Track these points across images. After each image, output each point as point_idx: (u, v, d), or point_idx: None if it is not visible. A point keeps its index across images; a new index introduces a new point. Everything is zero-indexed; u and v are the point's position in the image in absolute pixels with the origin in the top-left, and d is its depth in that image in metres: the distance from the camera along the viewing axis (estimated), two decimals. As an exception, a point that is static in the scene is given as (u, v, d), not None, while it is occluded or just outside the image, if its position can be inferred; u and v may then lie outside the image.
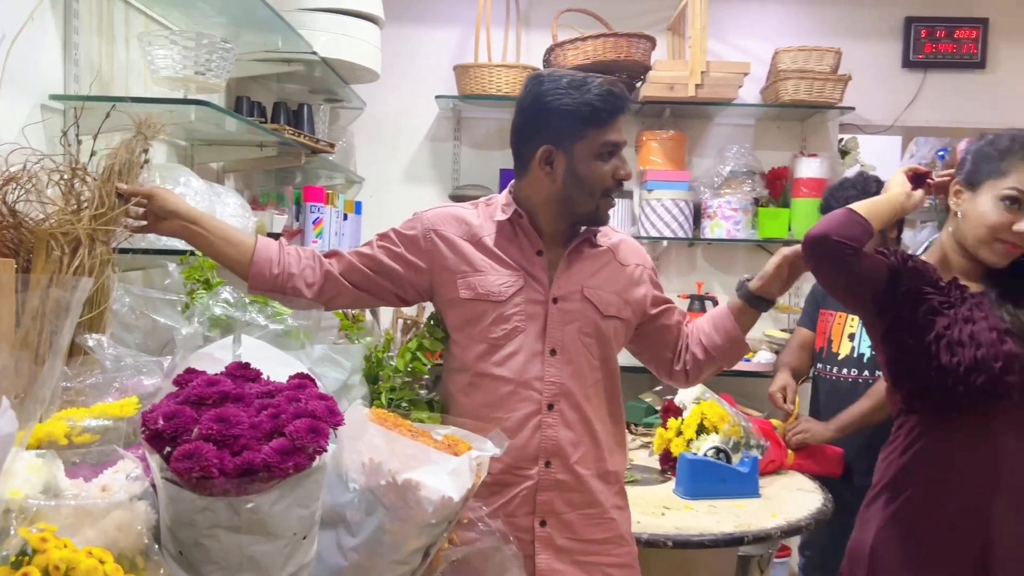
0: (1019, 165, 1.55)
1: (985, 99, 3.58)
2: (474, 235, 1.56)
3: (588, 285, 1.55)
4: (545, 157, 1.49)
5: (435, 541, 1.16)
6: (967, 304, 1.56)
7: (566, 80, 1.48)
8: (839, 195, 2.51)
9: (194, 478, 0.88)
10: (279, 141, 2.41)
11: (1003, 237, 1.55)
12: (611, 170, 1.49)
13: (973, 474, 1.53)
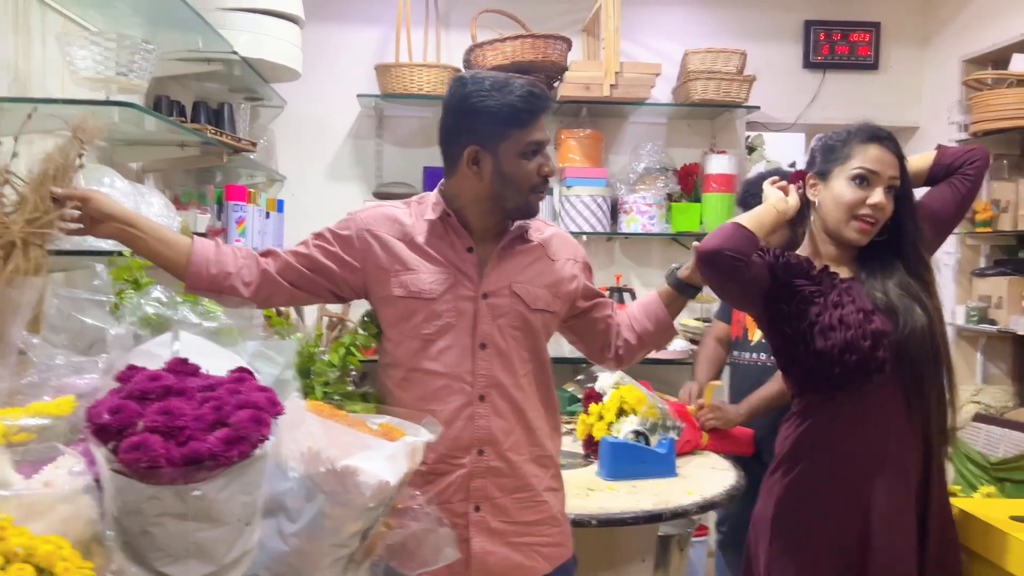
0: (860, 147, 1.69)
1: (878, 98, 3.81)
2: (406, 234, 1.61)
3: (517, 280, 1.61)
4: (472, 157, 1.55)
5: (372, 524, 1.21)
6: (836, 290, 1.68)
7: (489, 82, 1.53)
8: (752, 190, 2.63)
9: (142, 468, 0.92)
10: (201, 141, 2.41)
11: (859, 213, 1.67)
12: (536, 167, 1.55)
13: (854, 446, 1.66)
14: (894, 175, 1.68)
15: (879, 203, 1.66)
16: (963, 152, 1.81)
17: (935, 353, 1.66)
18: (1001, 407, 3.35)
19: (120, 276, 1.56)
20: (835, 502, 1.67)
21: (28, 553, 0.75)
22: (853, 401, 1.65)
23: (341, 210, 3.64)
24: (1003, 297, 3.30)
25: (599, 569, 2.15)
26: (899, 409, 1.65)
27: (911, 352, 1.63)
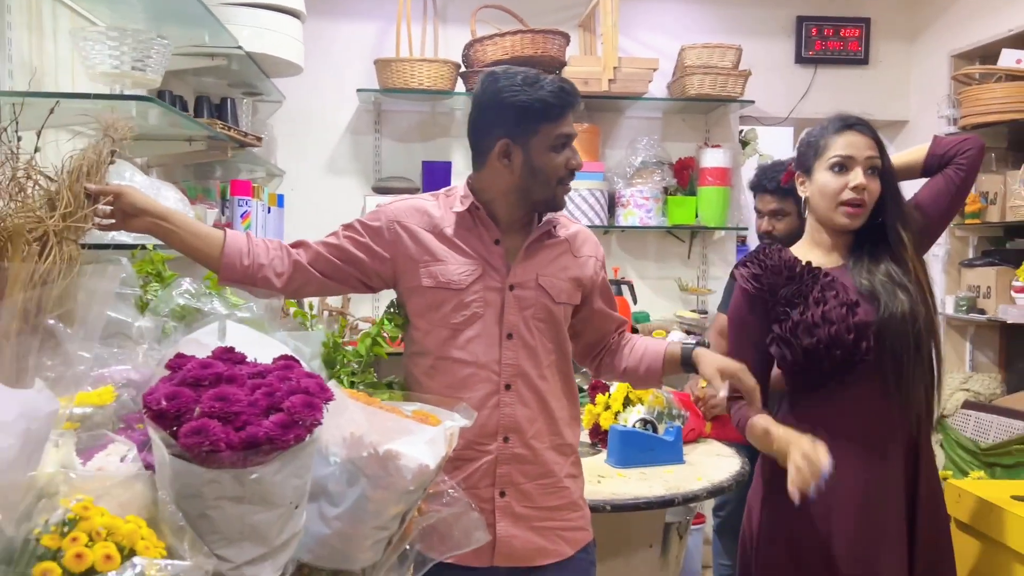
0: (834, 137, 1.75)
1: (868, 92, 3.88)
2: (435, 226, 1.64)
3: (543, 273, 1.64)
4: (503, 151, 1.57)
5: (411, 507, 1.25)
6: (819, 286, 1.73)
7: (520, 77, 1.56)
8: (772, 175, 2.65)
9: (203, 452, 0.94)
10: (208, 135, 2.42)
11: (843, 199, 1.73)
12: (564, 161, 1.58)
13: (840, 430, 1.69)
14: (871, 155, 1.73)
15: (859, 184, 1.71)
16: (956, 142, 1.84)
17: (916, 337, 1.69)
18: (990, 394, 3.43)
19: (143, 269, 1.58)
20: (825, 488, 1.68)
21: (109, 531, 0.77)
22: (840, 387, 1.70)
23: (340, 205, 3.70)
24: (991, 287, 3.38)
25: (610, 556, 2.19)
26: (881, 392, 1.70)
27: (891, 337, 1.67)
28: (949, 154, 1.83)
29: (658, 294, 3.82)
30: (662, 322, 3.64)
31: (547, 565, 1.64)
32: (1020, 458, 2.93)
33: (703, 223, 3.65)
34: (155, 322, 1.43)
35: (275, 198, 3.25)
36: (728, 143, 3.77)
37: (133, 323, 1.41)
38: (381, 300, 3.58)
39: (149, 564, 0.76)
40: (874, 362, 1.68)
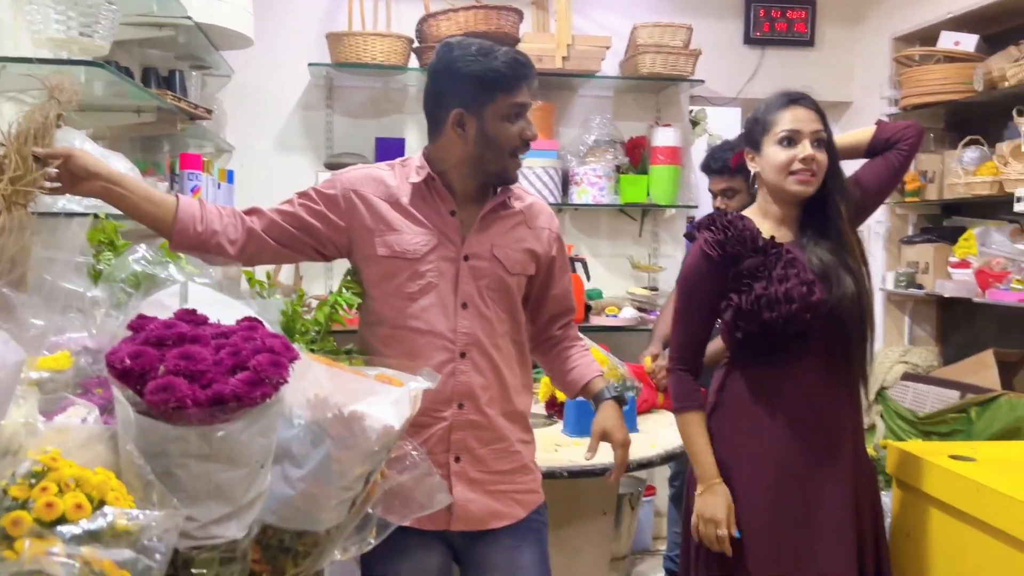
0: (780, 113, 1.82)
1: (813, 74, 3.97)
2: (391, 195, 1.64)
3: (497, 244, 1.66)
4: (457, 120, 1.59)
5: (375, 468, 1.26)
6: (782, 262, 1.78)
7: (475, 47, 1.58)
8: (719, 155, 2.72)
9: (169, 409, 0.94)
10: (157, 107, 2.37)
11: (793, 169, 1.79)
12: (518, 131, 1.60)
13: (783, 399, 1.79)
14: (816, 128, 1.80)
15: (808, 155, 1.77)
16: (900, 128, 1.93)
17: (862, 317, 1.79)
18: (927, 366, 3.56)
19: (95, 238, 1.56)
20: (758, 449, 1.79)
21: (79, 482, 0.77)
22: (786, 358, 1.78)
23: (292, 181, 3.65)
24: (929, 263, 3.51)
25: (565, 523, 2.24)
26: (825, 365, 1.78)
27: (842, 316, 1.75)
28: (893, 139, 1.91)
29: (610, 271, 3.87)
30: (614, 299, 3.69)
31: (501, 528, 1.67)
32: (955, 426, 3.06)
33: (654, 201, 3.71)
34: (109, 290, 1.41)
35: (225, 174, 3.21)
36: (678, 122, 3.83)
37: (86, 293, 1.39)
38: (335, 278, 3.56)
39: (120, 514, 0.76)
40: (821, 338, 1.76)
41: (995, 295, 3.03)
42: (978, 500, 1.74)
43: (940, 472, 1.86)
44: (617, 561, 3.45)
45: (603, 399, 1.79)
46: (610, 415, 1.77)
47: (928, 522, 1.91)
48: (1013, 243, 3.14)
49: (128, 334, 1.07)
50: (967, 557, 1.79)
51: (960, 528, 1.80)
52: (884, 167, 1.92)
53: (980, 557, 1.75)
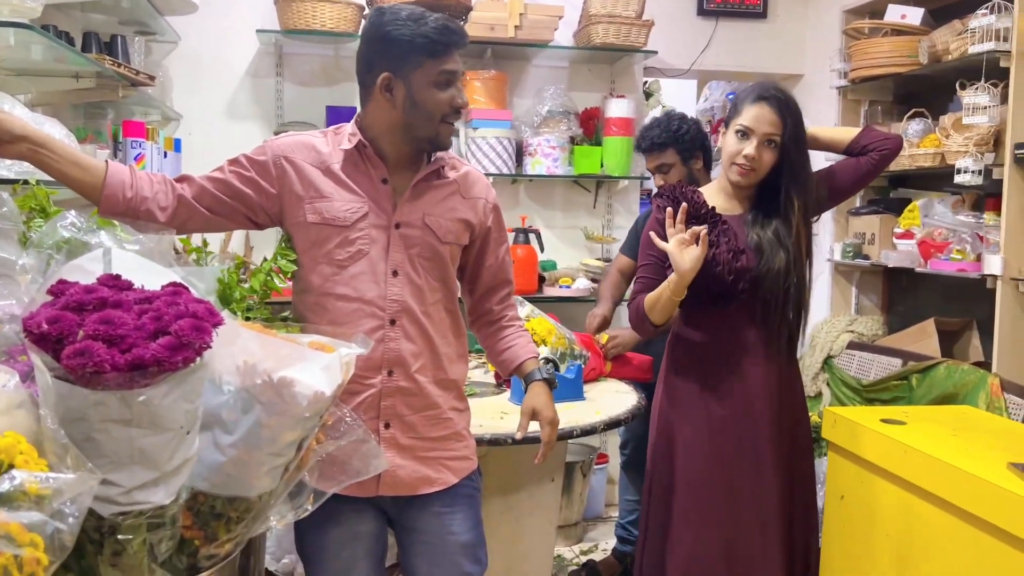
0: (747, 106, 2.00)
1: (766, 46, 4.00)
2: (323, 162, 1.63)
3: (429, 213, 1.66)
4: (385, 84, 1.58)
5: (307, 435, 1.26)
6: (716, 231, 1.99)
7: (406, 13, 1.57)
8: (647, 135, 2.80)
9: (87, 374, 0.94)
10: (97, 72, 2.32)
11: (736, 161, 1.99)
12: (448, 98, 1.60)
13: (713, 350, 2.07)
14: (769, 131, 1.97)
15: (750, 155, 1.97)
16: (880, 137, 2.10)
17: (786, 290, 2.01)
18: (872, 335, 3.65)
19: (26, 205, 1.53)
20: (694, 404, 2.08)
21: (-13, 447, 0.76)
22: (719, 313, 2.05)
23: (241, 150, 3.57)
24: (875, 234, 3.58)
25: (512, 488, 2.26)
26: (750, 324, 2.05)
27: (766, 286, 1.99)
28: (869, 146, 2.08)
29: (564, 243, 3.88)
30: (568, 270, 3.71)
31: (432, 493, 1.69)
32: (896, 393, 3.14)
33: (608, 172, 3.72)
34: (39, 257, 1.39)
35: (172, 142, 3.15)
36: (632, 94, 3.83)
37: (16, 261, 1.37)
38: (286, 248, 3.52)
39: (28, 477, 0.76)
40: (748, 302, 2.01)
41: (936, 265, 3.11)
42: (905, 462, 1.80)
43: (871, 435, 1.92)
44: (569, 528, 3.50)
45: (533, 380, 1.83)
46: (539, 394, 1.81)
47: (860, 484, 1.97)
48: (954, 214, 3.22)
49: (48, 299, 1.06)
50: (897, 518, 1.85)
51: (890, 490, 1.86)
52: (855, 169, 2.11)
53: (908, 518, 1.81)
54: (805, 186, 2.02)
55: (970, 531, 1.62)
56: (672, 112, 2.94)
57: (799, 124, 2.00)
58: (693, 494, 2.04)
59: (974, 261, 2.98)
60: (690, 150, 2.75)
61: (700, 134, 2.81)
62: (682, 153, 2.74)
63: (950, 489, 1.67)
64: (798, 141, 2.00)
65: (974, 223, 3.10)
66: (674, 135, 2.73)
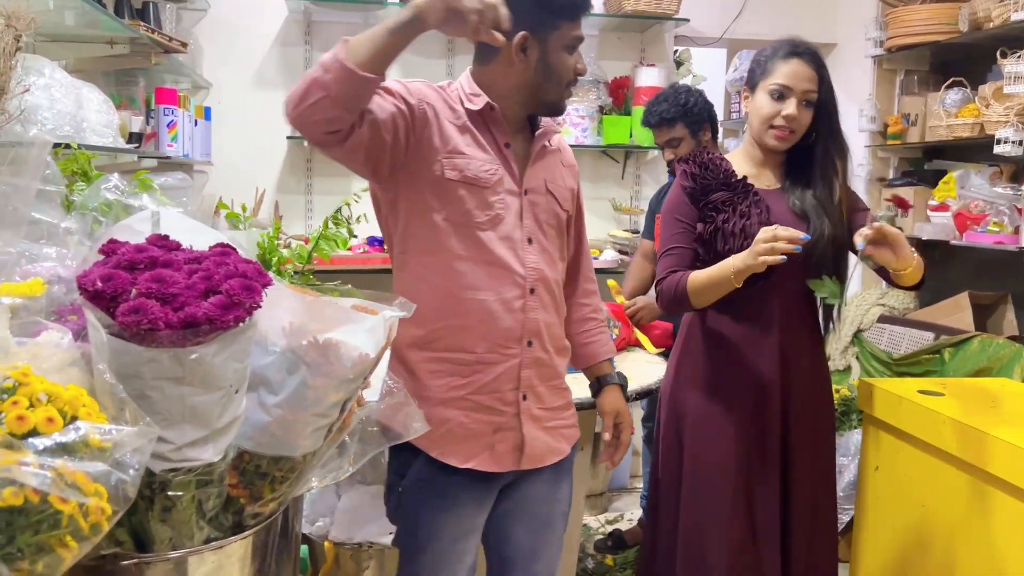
0: (780, 64, 1.84)
1: (799, 14, 3.93)
2: (458, 117, 1.55)
3: (550, 180, 1.62)
4: (521, 44, 1.51)
5: (351, 396, 1.27)
6: (747, 201, 1.86)
7: None
8: (654, 109, 2.78)
9: (142, 330, 0.94)
10: (131, 38, 2.32)
11: (775, 124, 1.84)
12: (573, 63, 1.55)
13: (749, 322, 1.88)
14: (808, 88, 1.83)
15: (791, 115, 1.82)
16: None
17: (835, 258, 1.85)
18: (904, 308, 3.61)
19: (68, 168, 1.54)
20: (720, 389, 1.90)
21: (51, 397, 0.77)
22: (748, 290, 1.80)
23: (269, 120, 3.62)
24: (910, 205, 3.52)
25: (543, 456, 2.27)
26: (799, 300, 1.88)
27: (816, 256, 1.81)
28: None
29: (592, 214, 3.85)
30: (595, 241, 3.69)
31: (549, 465, 1.66)
32: (928, 367, 3.12)
33: (637, 143, 3.69)
34: (82, 220, 1.40)
35: (202, 110, 3.16)
36: (663, 63, 3.79)
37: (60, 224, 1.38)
38: (315, 218, 3.54)
39: (92, 428, 0.77)
40: (788, 279, 1.83)
41: (972, 237, 3.06)
42: (944, 433, 1.78)
43: (909, 406, 1.90)
44: (595, 498, 3.53)
45: (611, 382, 1.79)
46: (619, 398, 1.78)
47: (895, 455, 1.96)
48: (992, 186, 3.17)
49: (100, 258, 1.07)
50: (933, 489, 1.84)
51: (926, 460, 1.85)
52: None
53: (945, 489, 1.80)
54: (843, 146, 1.90)
55: (1010, 502, 1.61)
56: (677, 86, 2.91)
57: (829, 80, 1.87)
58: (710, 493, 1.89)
59: (1012, 234, 2.93)
60: (699, 123, 2.75)
61: (707, 105, 2.80)
62: (691, 126, 2.74)
63: (990, 460, 1.66)
64: (832, 100, 1.88)
65: (1012, 195, 3.05)
66: (683, 108, 2.72)
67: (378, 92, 1.43)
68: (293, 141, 3.52)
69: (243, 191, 3.44)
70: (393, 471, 1.65)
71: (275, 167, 3.57)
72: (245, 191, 3.45)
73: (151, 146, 2.63)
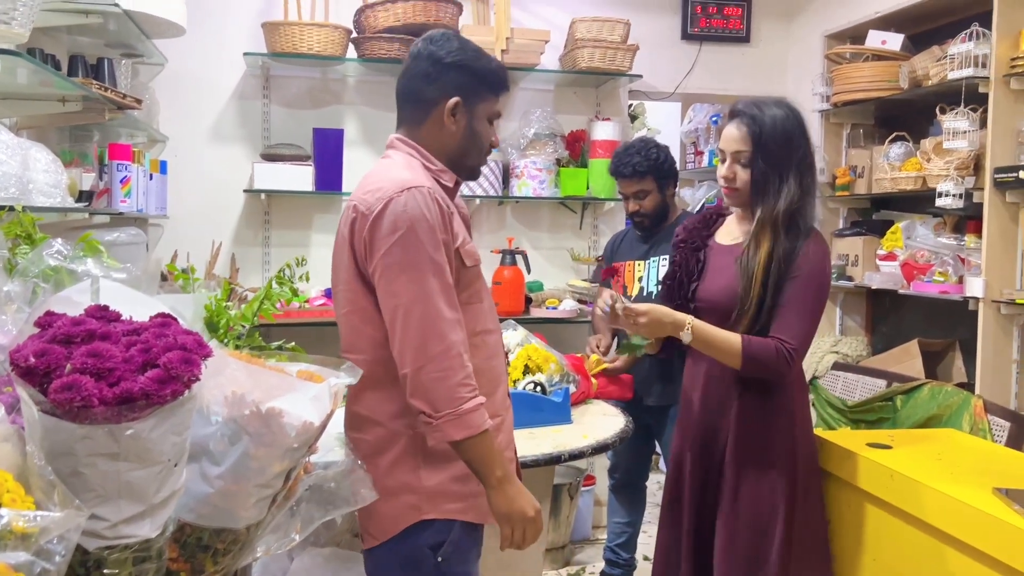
0: (723, 128, 1.99)
1: (749, 69, 4.05)
2: (450, 204, 1.60)
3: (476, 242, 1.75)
4: (453, 109, 1.58)
5: (296, 465, 1.26)
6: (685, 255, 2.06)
7: (472, 46, 1.62)
8: (627, 161, 2.83)
9: (75, 408, 0.93)
10: (83, 96, 2.31)
11: (721, 184, 1.98)
12: (491, 134, 1.66)
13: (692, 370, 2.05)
14: (738, 149, 1.92)
15: (724, 175, 1.95)
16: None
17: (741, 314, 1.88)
18: (857, 356, 3.67)
19: (11, 232, 1.52)
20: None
21: (-27, 485, 0.76)
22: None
23: (227, 172, 3.62)
24: (859, 255, 3.61)
25: (500, 513, 2.25)
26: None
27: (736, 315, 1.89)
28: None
29: (551, 264, 3.89)
30: (555, 291, 3.72)
31: None
32: (881, 414, 3.16)
33: (594, 194, 3.74)
34: (24, 285, 1.38)
35: (158, 164, 3.14)
36: (618, 116, 3.86)
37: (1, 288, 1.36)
38: (271, 269, 3.52)
39: (15, 516, 0.75)
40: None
41: (919, 287, 3.14)
42: (892, 487, 1.81)
43: (858, 460, 1.92)
44: (556, 551, 3.49)
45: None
46: None
47: (848, 508, 1.98)
48: (936, 236, 3.26)
49: (35, 331, 1.05)
50: (884, 542, 1.86)
51: (878, 514, 1.87)
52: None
53: (896, 542, 1.82)
54: (772, 202, 1.87)
55: (957, 557, 1.63)
56: (647, 139, 2.98)
57: (773, 134, 1.88)
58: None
59: (956, 283, 3.01)
60: (667, 178, 2.84)
61: (674, 162, 2.91)
62: (660, 181, 2.81)
63: (936, 514, 1.68)
64: (768, 153, 1.87)
65: (955, 245, 3.14)
66: (655, 163, 2.80)
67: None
68: (250, 194, 3.51)
69: (199, 244, 3.42)
70: (423, 543, 1.59)
71: (232, 219, 3.56)
72: (201, 244, 3.43)
73: (103, 202, 2.61)
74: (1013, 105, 2.81)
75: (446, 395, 1.46)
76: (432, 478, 1.56)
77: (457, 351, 1.48)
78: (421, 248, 1.48)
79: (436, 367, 1.46)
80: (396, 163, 1.60)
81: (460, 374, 1.47)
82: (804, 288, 1.86)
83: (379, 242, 1.50)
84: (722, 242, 2.04)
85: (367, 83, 3.64)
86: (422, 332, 1.47)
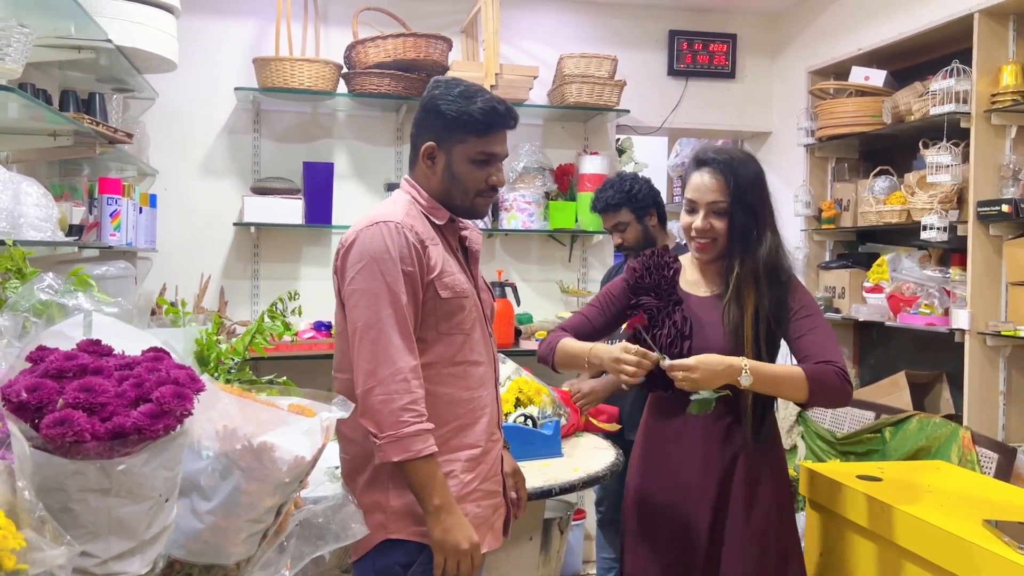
0: (690, 177, 1.85)
1: (734, 105, 4.11)
2: (433, 238, 1.66)
3: (481, 274, 1.79)
4: (428, 152, 1.65)
5: (287, 500, 1.25)
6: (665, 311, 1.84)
7: (458, 89, 1.64)
8: (601, 196, 2.88)
9: (67, 443, 0.92)
10: (74, 130, 2.32)
11: (692, 236, 1.86)
12: (485, 175, 1.65)
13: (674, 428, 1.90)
14: (714, 199, 1.79)
15: (699, 227, 1.82)
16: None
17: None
18: (845, 388, 3.68)
19: (1, 266, 1.52)
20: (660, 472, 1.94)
21: (-36, 522, 0.75)
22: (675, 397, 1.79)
23: (217, 205, 3.63)
24: (845, 287, 3.64)
25: (490, 548, 2.23)
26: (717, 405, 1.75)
27: None
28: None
29: (540, 296, 3.91)
30: (544, 323, 3.72)
31: None
32: (870, 446, 3.17)
33: (583, 227, 3.77)
34: (14, 319, 1.37)
35: (147, 198, 3.15)
36: (606, 151, 3.91)
37: (-8, 322, 1.35)
38: (260, 303, 3.51)
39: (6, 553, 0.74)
40: None
41: (905, 319, 3.16)
42: (882, 519, 1.81)
43: (848, 492, 1.93)
44: (547, 586, 3.45)
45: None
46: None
47: (839, 541, 1.97)
48: (921, 269, 3.29)
49: (27, 366, 1.05)
50: (875, 573, 1.85)
51: (869, 546, 1.87)
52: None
53: (887, 573, 1.82)
54: (752, 254, 1.80)
55: (948, 588, 1.63)
56: (623, 173, 3.02)
57: (749, 184, 1.80)
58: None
59: (942, 315, 3.04)
60: (644, 208, 2.84)
61: (652, 191, 2.89)
62: (636, 211, 2.83)
63: (927, 546, 1.68)
64: (745, 204, 1.79)
65: (941, 278, 3.17)
66: (628, 195, 2.82)
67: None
68: (239, 227, 3.52)
69: (189, 277, 3.41)
70: (394, 562, 1.63)
71: (221, 253, 3.56)
72: (190, 277, 3.42)
73: (93, 235, 2.60)
74: (994, 140, 2.87)
75: (389, 418, 1.53)
76: (399, 499, 1.61)
77: (404, 376, 1.54)
78: (378, 278, 1.57)
79: (383, 390, 1.54)
80: (389, 200, 1.71)
81: (405, 398, 1.54)
82: (816, 316, 1.82)
83: (347, 271, 1.61)
84: (693, 293, 1.90)
85: (357, 118, 3.67)
86: (374, 356, 1.55)
